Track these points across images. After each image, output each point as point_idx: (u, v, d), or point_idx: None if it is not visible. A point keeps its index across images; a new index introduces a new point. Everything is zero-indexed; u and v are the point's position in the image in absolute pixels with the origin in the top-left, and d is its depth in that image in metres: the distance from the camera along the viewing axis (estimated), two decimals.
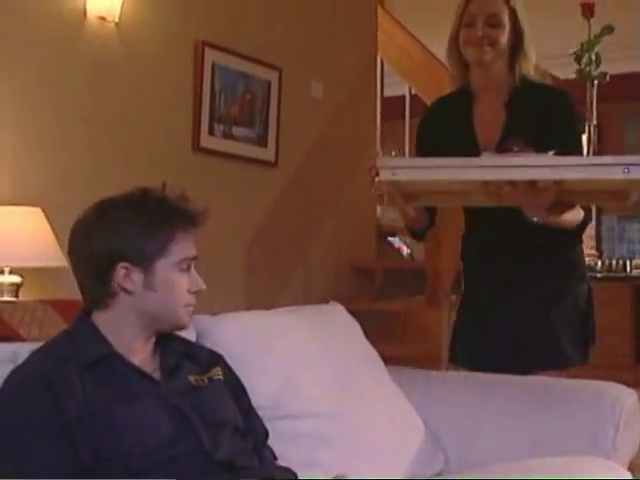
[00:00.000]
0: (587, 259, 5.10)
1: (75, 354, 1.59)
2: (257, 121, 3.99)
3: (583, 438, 2.07)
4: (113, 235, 1.60)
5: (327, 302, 3.91)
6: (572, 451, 2.02)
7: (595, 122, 1.97)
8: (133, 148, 3.41)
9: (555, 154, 1.98)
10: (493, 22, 2.32)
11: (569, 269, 2.41)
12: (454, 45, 2.41)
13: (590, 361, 2.43)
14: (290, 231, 4.17)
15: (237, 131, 3.88)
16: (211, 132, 3.74)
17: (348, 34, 4.59)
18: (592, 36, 2.09)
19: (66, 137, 3.17)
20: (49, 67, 3.13)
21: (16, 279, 2.73)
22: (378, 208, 5.18)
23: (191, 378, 1.71)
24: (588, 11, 2.14)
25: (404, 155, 5.81)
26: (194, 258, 1.67)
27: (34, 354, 1.63)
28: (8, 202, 2.78)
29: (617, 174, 1.86)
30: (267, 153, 4.06)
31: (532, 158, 1.97)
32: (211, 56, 3.71)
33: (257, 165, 4.01)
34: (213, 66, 3.72)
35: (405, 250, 5.59)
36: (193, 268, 1.67)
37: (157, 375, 1.66)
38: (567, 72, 5.17)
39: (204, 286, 1.68)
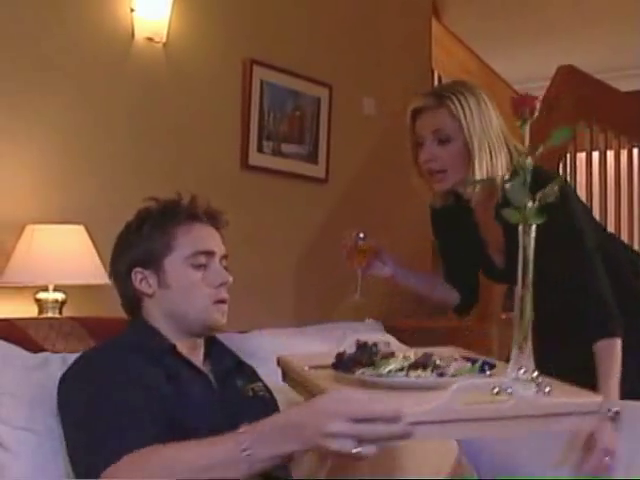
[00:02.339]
0: None
1: (137, 348, 1.66)
2: (307, 138, 4.00)
3: (619, 461, 2.00)
4: (127, 246, 1.73)
5: (381, 319, 3.87)
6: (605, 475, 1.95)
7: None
8: (181, 167, 3.44)
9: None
10: (441, 137, 2.05)
11: None
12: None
13: None
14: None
15: (286, 148, 3.89)
16: (260, 149, 3.76)
17: (401, 49, 4.56)
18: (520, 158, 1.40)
19: (113, 156, 3.21)
20: (97, 88, 3.19)
21: (60, 296, 2.78)
22: None
23: (239, 383, 1.78)
24: (520, 110, 1.34)
25: None
26: (208, 253, 1.72)
27: (100, 346, 1.68)
28: (52, 220, 2.83)
29: None
30: (317, 170, 4.06)
31: None
32: (259, 74, 3.73)
33: (307, 182, 4.01)
34: (262, 84, 3.74)
35: None
36: (216, 263, 1.73)
37: (210, 377, 1.74)
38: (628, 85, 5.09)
39: (229, 278, 1.73)
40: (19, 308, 2.76)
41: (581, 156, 4.59)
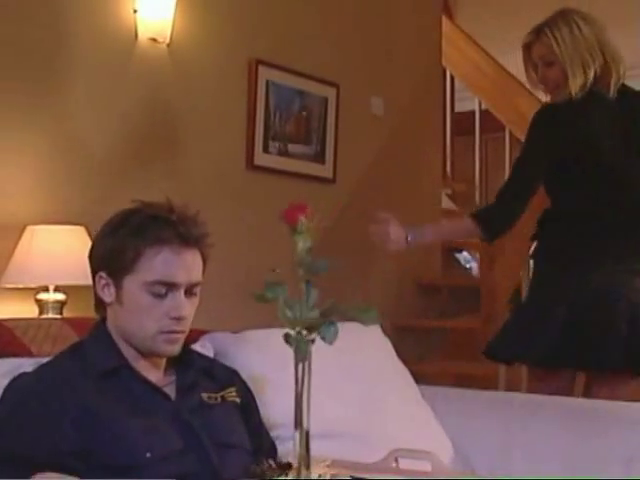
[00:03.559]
0: None
1: (88, 364, 1.63)
2: (314, 138, 3.98)
3: (617, 464, 1.98)
4: (97, 246, 1.69)
5: (389, 319, 3.84)
6: (605, 476, 1.93)
7: None
8: (186, 167, 3.44)
9: None
10: (546, 62, 2.63)
11: None
12: None
13: None
14: (350, 248, 4.13)
15: (293, 148, 3.88)
16: (266, 150, 3.74)
17: (410, 47, 4.53)
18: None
19: (116, 157, 3.21)
20: (101, 88, 3.19)
21: (60, 297, 2.78)
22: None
23: (204, 395, 1.72)
24: (292, 221, 1.26)
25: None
26: (170, 284, 1.61)
27: (46, 365, 1.66)
28: (52, 221, 2.83)
29: None
30: (325, 170, 4.04)
31: None
32: (265, 74, 3.71)
33: (314, 182, 3.99)
34: (267, 84, 3.73)
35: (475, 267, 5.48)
36: (179, 295, 1.62)
37: (171, 390, 1.68)
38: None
39: (183, 312, 1.63)
40: (20, 309, 2.76)
41: None
